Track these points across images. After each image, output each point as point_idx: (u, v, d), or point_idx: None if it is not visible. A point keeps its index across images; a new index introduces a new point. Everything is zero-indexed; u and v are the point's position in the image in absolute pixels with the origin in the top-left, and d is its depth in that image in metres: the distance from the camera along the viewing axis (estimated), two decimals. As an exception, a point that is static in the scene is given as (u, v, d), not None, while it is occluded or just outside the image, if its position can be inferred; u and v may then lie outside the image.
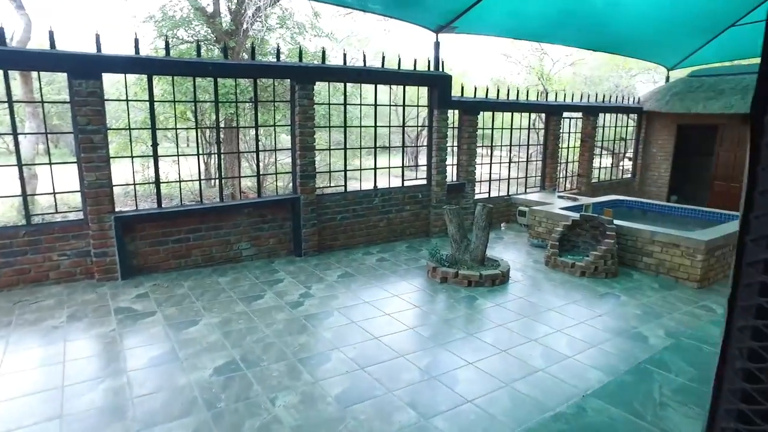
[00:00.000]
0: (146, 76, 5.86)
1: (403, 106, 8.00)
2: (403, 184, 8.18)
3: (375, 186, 7.84)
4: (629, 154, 12.58)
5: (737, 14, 9.85)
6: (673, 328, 5.09)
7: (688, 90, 11.36)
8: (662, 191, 12.24)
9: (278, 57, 6.78)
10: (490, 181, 9.65)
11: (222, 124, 9.99)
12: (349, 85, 7.60)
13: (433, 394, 3.69)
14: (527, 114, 11.06)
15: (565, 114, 10.45)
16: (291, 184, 7.49)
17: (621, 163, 13.03)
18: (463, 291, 6.00)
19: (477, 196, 9.33)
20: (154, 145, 6.05)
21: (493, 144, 9.60)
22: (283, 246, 7.10)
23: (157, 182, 6.20)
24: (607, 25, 9.78)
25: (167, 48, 5.98)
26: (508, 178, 9.97)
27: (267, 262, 6.87)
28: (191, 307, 5.22)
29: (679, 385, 1.95)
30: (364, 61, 7.38)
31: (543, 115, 10.46)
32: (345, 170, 7.57)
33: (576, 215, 7.70)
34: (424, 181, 8.47)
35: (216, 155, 6.58)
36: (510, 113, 9.69)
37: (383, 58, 7.53)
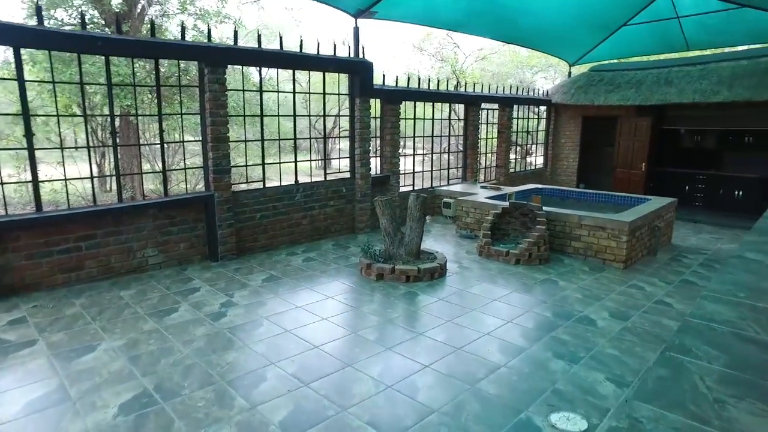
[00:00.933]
0: (12, 50, 4.71)
1: (324, 94, 7.39)
2: (325, 178, 7.58)
3: (296, 181, 7.16)
4: (536, 146, 12.92)
5: (628, 14, 10.38)
6: (614, 309, 5.01)
7: (590, 84, 11.86)
8: (572, 179, 12.71)
9: (183, 36, 5.89)
10: (413, 173, 9.33)
11: (118, 118, 8.61)
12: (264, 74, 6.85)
13: (393, 408, 3.16)
14: (447, 105, 10.90)
15: (483, 105, 10.42)
16: (203, 182, 6.59)
17: (527, 155, 13.37)
18: (402, 287, 5.54)
19: (401, 189, 8.97)
20: (28, 134, 4.92)
21: (416, 135, 9.30)
22: (196, 250, 6.21)
23: (35, 181, 5.06)
24: (518, 19, 9.87)
25: (39, 14, 4.89)
26: (431, 170, 9.72)
27: (179, 270, 5.94)
28: (86, 329, 4.25)
29: (720, 374, 1.67)
30: (281, 44, 6.67)
31: (462, 107, 10.34)
32: (263, 164, 6.82)
33: (505, 203, 7.56)
34: (348, 175, 7.93)
35: (112, 148, 5.53)
36: (431, 103, 9.44)
37: (301, 42, 6.87)
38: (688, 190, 11.22)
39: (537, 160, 12.75)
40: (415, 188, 9.34)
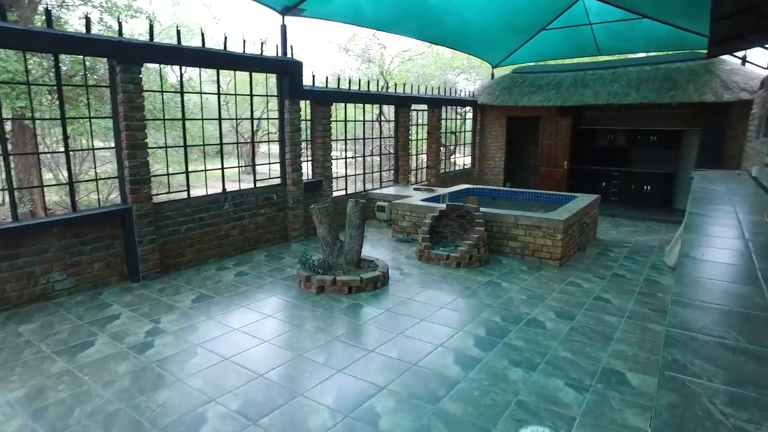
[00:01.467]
0: None
1: (251, 95, 6.89)
2: (255, 185, 7.09)
3: (224, 189, 6.63)
4: (460, 147, 13.08)
5: (547, 19, 10.76)
6: (559, 309, 5.03)
7: (514, 85, 12.19)
8: (499, 179, 13.01)
9: (88, 29, 5.18)
10: (346, 176, 9.04)
11: (9, 121, 7.44)
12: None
13: (355, 441, 2.87)
14: (377, 107, 10.70)
15: (413, 106, 10.34)
16: (118, 193, 5.88)
17: (452, 156, 13.51)
18: (345, 300, 5.24)
19: (334, 194, 8.65)
20: None
21: (347, 138, 9.01)
22: (113, 271, 5.52)
23: None
24: (444, 20, 9.89)
25: None
26: (364, 173, 9.48)
27: (93, 295, 5.24)
28: (-24, 375, 3.56)
29: (725, 394, 1.57)
30: (203, 40, 6.12)
31: (392, 108, 10.19)
32: (187, 172, 6.22)
33: (442, 206, 7.48)
34: (278, 181, 7.49)
35: (2, 156, 4.72)
36: (362, 105, 9.20)
37: (225, 39, 6.35)
38: (604, 186, 11.84)
39: (465, 160, 12.94)
40: (348, 192, 9.05)
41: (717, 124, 9.81)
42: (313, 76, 7.80)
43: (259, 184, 7.11)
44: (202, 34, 6.23)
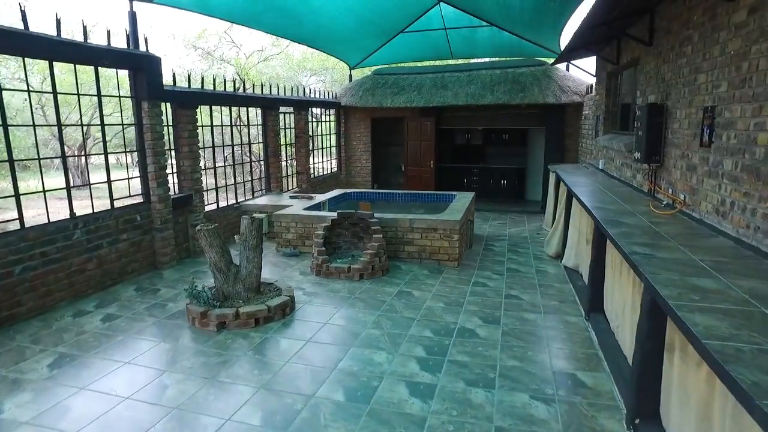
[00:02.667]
0: None
1: (99, 96, 5.52)
2: (113, 205, 5.75)
3: (72, 214, 5.21)
4: (327, 150, 12.60)
5: (405, 22, 10.86)
6: (481, 314, 4.90)
7: (376, 86, 12.11)
8: (366, 180, 12.85)
9: None
10: (216, 188, 7.95)
11: None
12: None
13: None
14: (237, 109, 9.67)
15: (280, 109, 9.56)
16: None
17: (310, 160, 12.93)
18: (255, 335, 4.43)
19: (206, 209, 7.53)
20: None
21: (215, 145, 7.93)
22: None
23: None
24: (303, 17, 9.30)
25: None
26: (235, 183, 8.46)
27: None
28: None
29: None
30: (24, 21, 4.66)
31: (256, 111, 9.28)
32: (17, 195, 4.70)
33: (333, 215, 6.95)
34: (141, 199, 6.21)
35: None
36: (229, 108, 8.17)
37: (58, 24, 4.93)
38: (465, 183, 12.44)
39: (331, 164, 12.50)
40: (220, 206, 7.98)
41: (558, 124, 10.90)
42: (174, 75, 6.62)
43: (117, 204, 5.77)
44: (23, 13, 4.73)
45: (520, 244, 8.10)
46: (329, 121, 12.21)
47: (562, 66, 11.24)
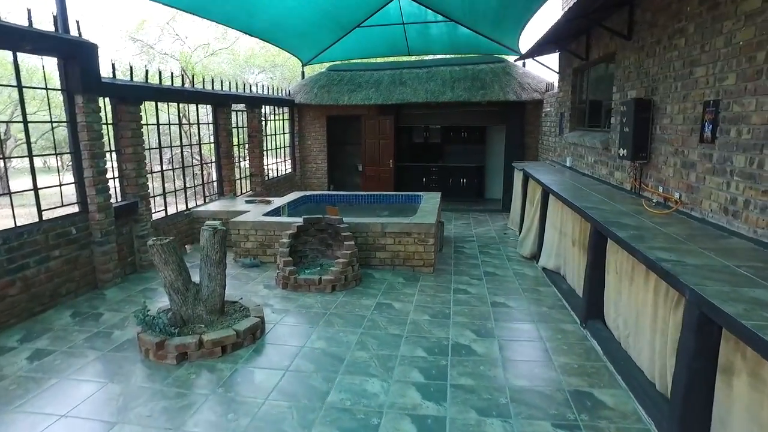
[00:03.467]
0: None
1: (20, 87, 4.62)
2: (41, 217, 4.87)
3: (-12, 229, 4.33)
4: (281, 151, 11.83)
5: (363, 16, 10.36)
6: (472, 326, 4.49)
7: (332, 83, 11.51)
8: (323, 182, 12.22)
9: None
10: (164, 194, 7.11)
11: None
12: None
13: None
14: (184, 106, 8.80)
15: (233, 106, 8.78)
16: None
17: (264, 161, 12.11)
18: (223, 366, 3.79)
19: (154, 217, 6.70)
20: None
21: (161, 146, 7.07)
22: None
23: None
24: (256, 7, 8.59)
25: None
26: (185, 188, 7.64)
27: None
28: None
29: None
30: None
31: (207, 108, 8.46)
32: None
33: (298, 220, 6.33)
34: (76, 208, 5.34)
35: None
36: (176, 105, 7.34)
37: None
38: (424, 182, 12.09)
39: (286, 164, 11.77)
40: (168, 214, 7.15)
41: (518, 121, 10.75)
42: (114, 66, 5.76)
43: (47, 215, 4.89)
44: None
45: (490, 245, 7.80)
46: (282, 119, 11.48)
47: (520, 63, 11.12)
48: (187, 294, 4.20)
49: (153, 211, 6.69)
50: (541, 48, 8.33)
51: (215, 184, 8.75)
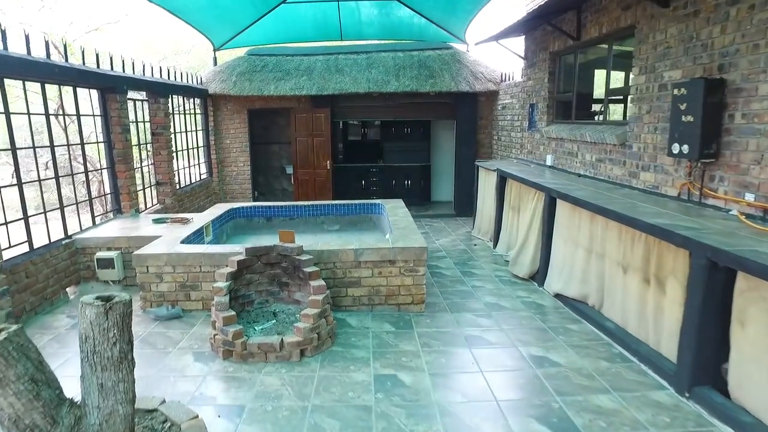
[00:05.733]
0: None
1: None
2: None
3: None
4: (192, 152, 9.40)
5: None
6: (535, 412, 2.91)
7: (254, 70, 9.35)
8: (246, 188, 10.01)
9: None
10: (26, 217, 4.69)
11: None
12: None
13: None
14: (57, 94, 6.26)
15: (130, 94, 6.39)
16: None
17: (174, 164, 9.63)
18: None
19: (7, 254, 4.32)
20: None
21: (16, 147, 4.64)
22: None
23: None
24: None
25: None
26: (61, 206, 5.22)
27: None
28: None
29: None
30: None
31: (95, 96, 6.00)
32: None
33: (238, 250, 4.35)
34: None
35: None
36: (41, 87, 4.91)
37: None
38: (364, 185, 10.38)
39: (200, 168, 9.39)
40: (35, 247, 4.75)
41: (470, 115, 9.41)
42: None
43: None
44: None
45: (467, 262, 6.33)
46: (194, 113, 9.13)
47: (467, 49, 9.79)
48: (56, 428, 2.15)
49: (5, 245, 4.31)
50: (507, 32, 7.00)
51: (109, 197, 6.36)
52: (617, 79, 5.62)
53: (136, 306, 4.60)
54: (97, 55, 5.73)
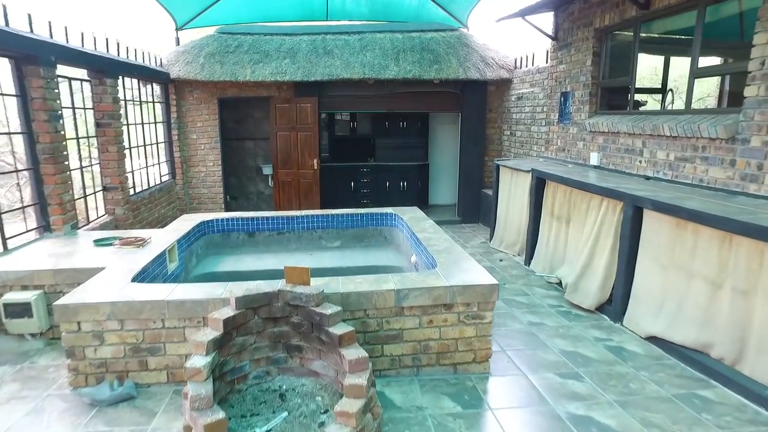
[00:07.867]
0: None
1: None
2: None
3: None
4: (150, 149, 7.58)
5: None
6: None
7: (226, 51, 7.65)
8: (216, 192, 8.30)
9: None
10: None
11: None
12: None
13: None
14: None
15: (62, 70, 4.65)
16: None
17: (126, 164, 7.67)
18: None
19: None
20: None
21: None
22: None
23: None
24: None
25: None
26: (-50, 229, 3.49)
27: None
28: None
29: None
30: None
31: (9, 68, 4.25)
32: None
33: (214, 291, 2.80)
34: None
35: None
36: None
37: None
38: (354, 187, 8.88)
39: (161, 169, 7.63)
40: None
41: (478, 106, 8.05)
42: None
43: None
44: None
45: (503, 286, 4.97)
46: (153, 102, 7.36)
47: (475, 32, 8.42)
48: None
49: None
50: (536, 7, 5.69)
51: (33, 208, 4.61)
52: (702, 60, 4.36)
53: (62, 382, 2.98)
54: (4, 6, 3.96)
